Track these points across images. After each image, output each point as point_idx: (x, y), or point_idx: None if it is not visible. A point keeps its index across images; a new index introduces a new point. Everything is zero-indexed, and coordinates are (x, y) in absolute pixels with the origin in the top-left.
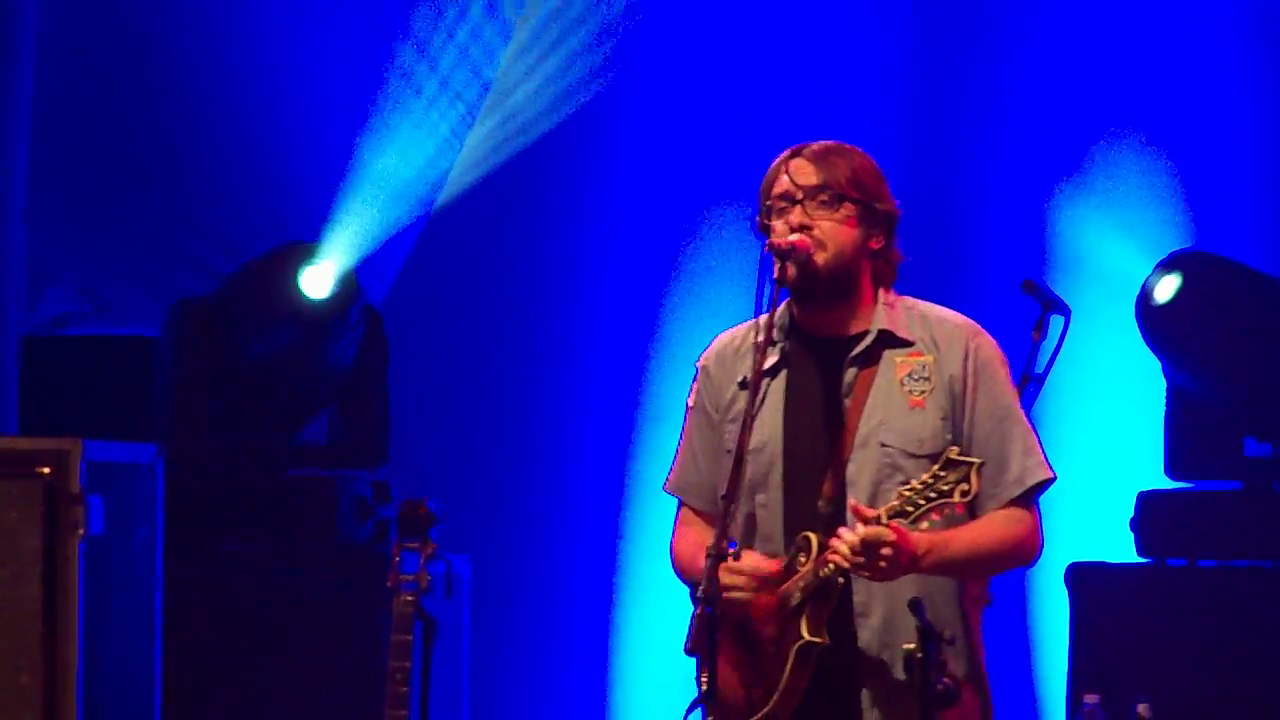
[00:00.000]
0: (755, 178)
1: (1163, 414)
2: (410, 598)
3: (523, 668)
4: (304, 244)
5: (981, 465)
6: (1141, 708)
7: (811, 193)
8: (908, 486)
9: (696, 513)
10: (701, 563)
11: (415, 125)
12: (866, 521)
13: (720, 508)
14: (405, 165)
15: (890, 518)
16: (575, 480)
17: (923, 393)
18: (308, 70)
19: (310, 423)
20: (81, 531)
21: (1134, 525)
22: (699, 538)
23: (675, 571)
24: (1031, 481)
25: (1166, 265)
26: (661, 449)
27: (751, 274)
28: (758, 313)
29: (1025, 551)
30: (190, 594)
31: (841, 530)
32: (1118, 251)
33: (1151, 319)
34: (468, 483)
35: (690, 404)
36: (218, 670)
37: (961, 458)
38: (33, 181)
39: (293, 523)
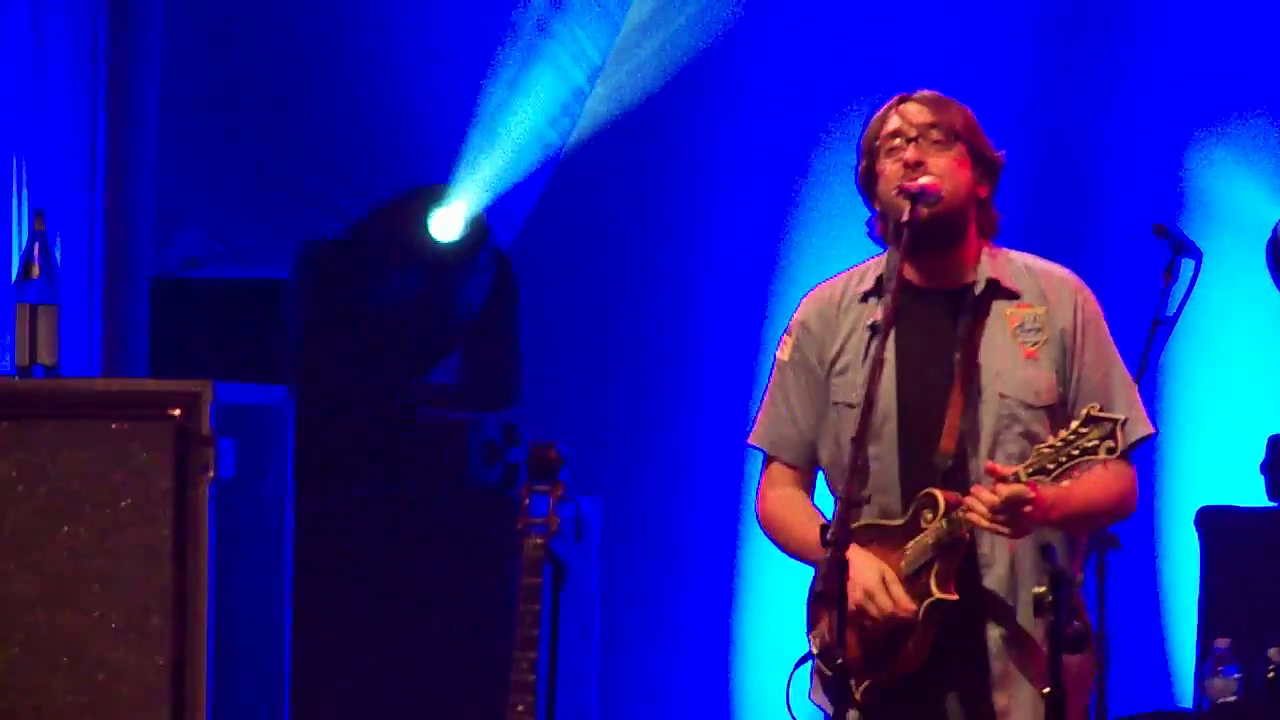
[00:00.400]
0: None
1: None
2: (539, 540)
3: (651, 609)
4: (433, 187)
5: (1125, 421)
6: (1273, 651)
7: (925, 130)
8: (1046, 445)
9: (786, 469)
10: (792, 520)
11: (546, 69)
12: (1004, 480)
13: (849, 454)
14: (535, 110)
15: (1030, 475)
16: (702, 423)
17: (1035, 344)
18: (438, 11)
19: (439, 365)
20: (212, 474)
21: (1264, 468)
22: (790, 496)
23: (765, 531)
24: (1135, 437)
25: None
26: None
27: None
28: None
29: (1127, 506)
30: (320, 537)
31: (978, 489)
32: (1250, 195)
33: None
34: (598, 425)
35: (783, 359)
36: (347, 613)
37: (1104, 414)
38: (163, 123)
39: (422, 466)
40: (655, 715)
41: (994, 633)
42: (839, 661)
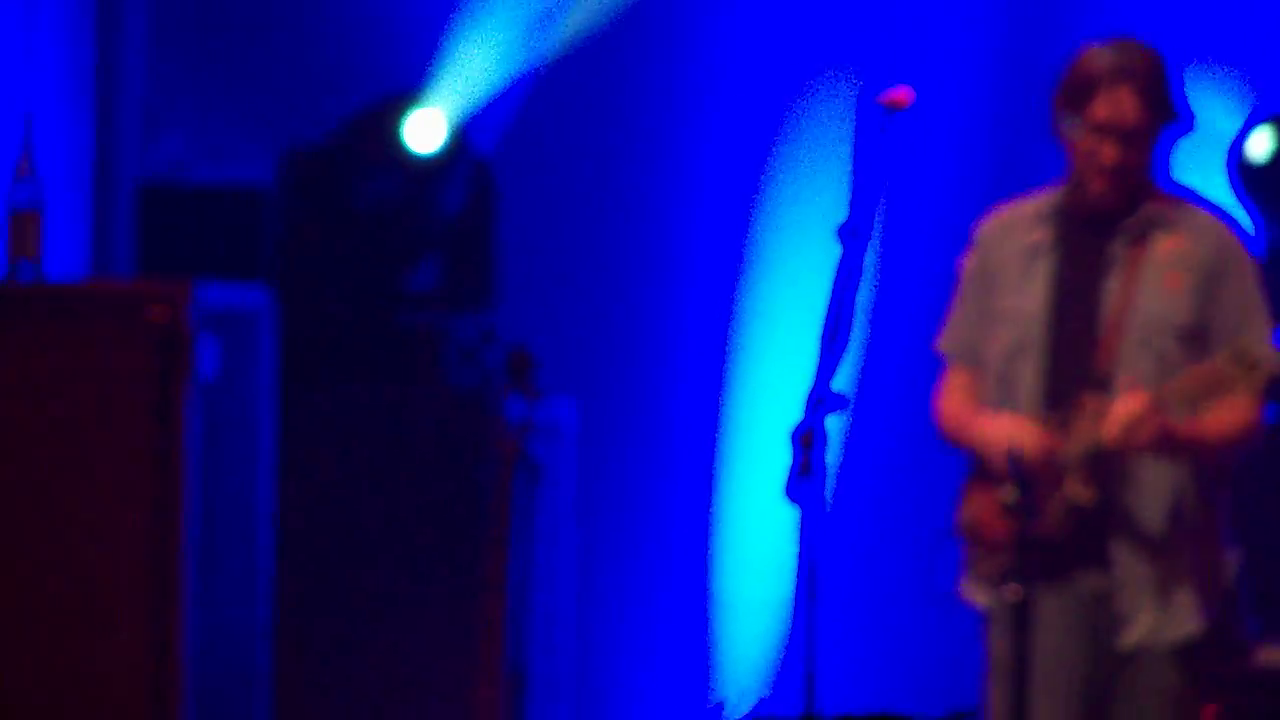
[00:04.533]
0: (863, 42)
1: None
2: (514, 442)
3: (630, 511)
4: (411, 93)
5: (1276, 359)
6: None
7: (1134, 138)
8: (1187, 375)
9: (966, 373)
10: (970, 419)
11: None
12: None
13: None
14: (515, 21)
15: (1172, 400)
16: (682, 326)
17: (1181, 274)
18: None
19: (418, 269)
20: (193, 375)
21: None
22: (967, 397)
23: (943, 429)
24: (1270, 369)
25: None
26: (765, 298)
27: (849, 138)
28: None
29: (1253, 437)
30: (300, 439)
31: (1125, 398)
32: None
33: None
34: (578, 329)
35: (966, 268)
36: (327, 514)
37: (1249, 350)
38: (149, 28)
39: (400, 368)
40: (634, 615)
41: (1120, 540)
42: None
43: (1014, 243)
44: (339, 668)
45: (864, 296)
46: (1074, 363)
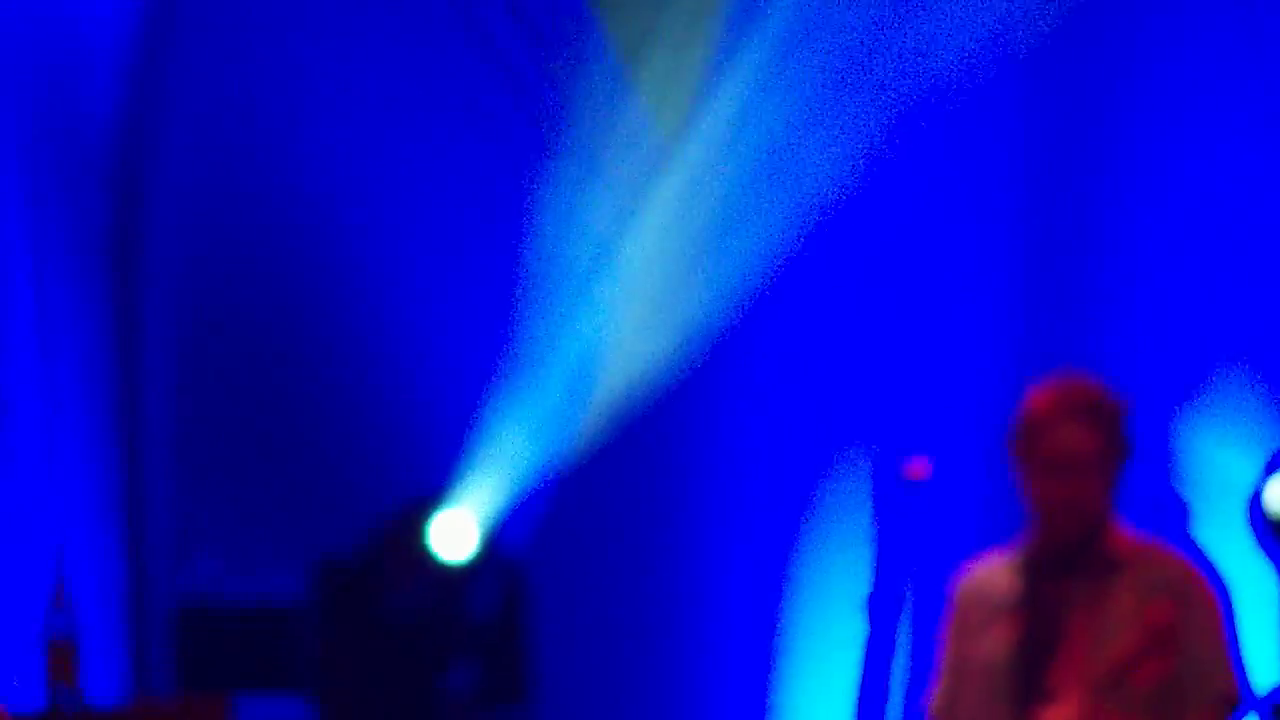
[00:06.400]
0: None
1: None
2: None
3: None
4: (437, 500)
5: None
6: None
7: (1085, 465)
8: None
9: None
10: None
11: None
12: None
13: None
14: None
15: (1103, 687)
16: (722, 697)
17: (1145, 617)
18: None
19: (453, 672)
20: None
21: None
22: None
23: None
24: (1221, 690)
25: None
26: (804, 671)
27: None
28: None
29: None
30: None
31: (1062, 704)
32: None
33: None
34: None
35: (946, 627)
36: None
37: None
38: (177, 445)
39: None
40: None
41: None
42: None
43: (986, 596)
44: None
45: (899, 670)
46: (1038, 699)
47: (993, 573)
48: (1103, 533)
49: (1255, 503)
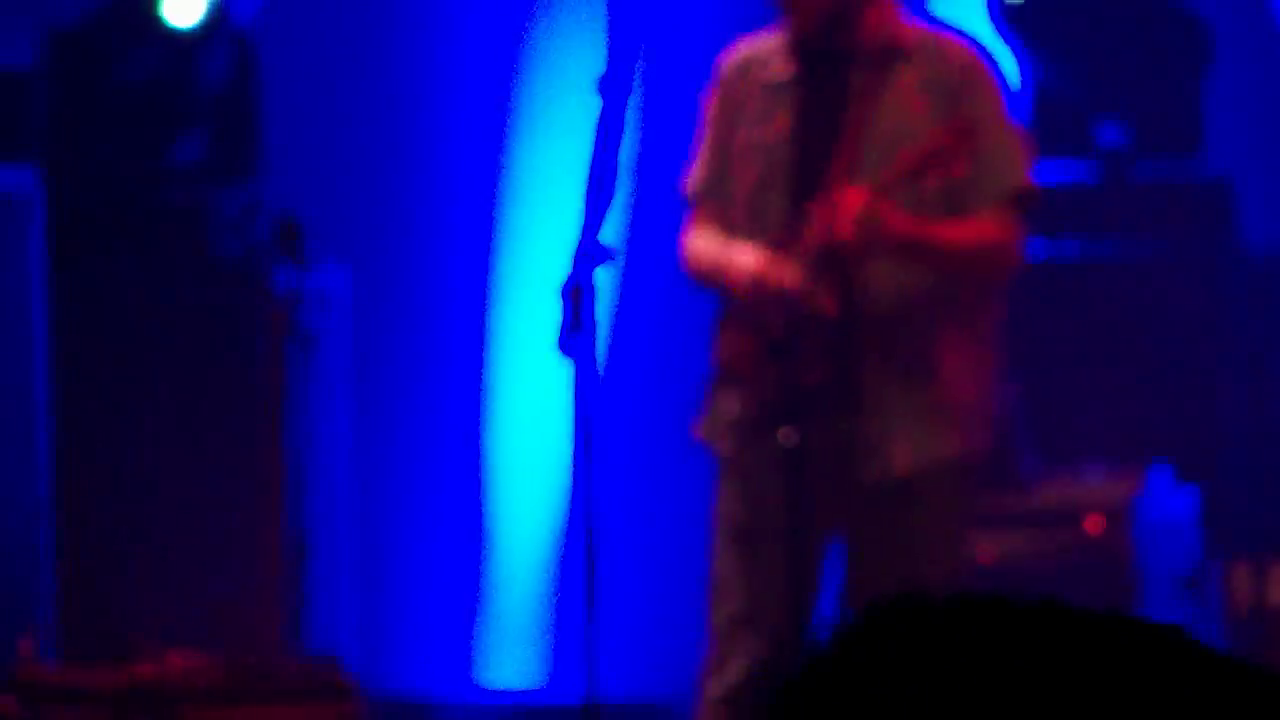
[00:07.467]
0: None
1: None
2: (283, 311)
3: (403, 375)
4: None
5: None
6: None
7: None
8: (906, 152)
9: (710, 215)
10: (722, 258)
11: None
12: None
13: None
14: None
15: (893, 183)
16: (450, 188)
17: (923, 98)
18: None
19: (183, 144)
20: None
21: None
22: (715, 236)
23: (692, 271)
24: (1012, 183)
25: None
26: (531, 155)
27: None
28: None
29: (1003, 258)
30: (72, 318)
31: (847, 191)
32: None
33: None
34: (347, 196)
35: (708, 106)
36: (101, 391)
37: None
38: None
39: (168, 244)
40: (412, 481)
41: (873, 370)
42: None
43: (756, 78)
44: (120, 544)
45: (628, 148)
46: (819, 190)
47: (761, 52)
48: (867, 14)
49: None
